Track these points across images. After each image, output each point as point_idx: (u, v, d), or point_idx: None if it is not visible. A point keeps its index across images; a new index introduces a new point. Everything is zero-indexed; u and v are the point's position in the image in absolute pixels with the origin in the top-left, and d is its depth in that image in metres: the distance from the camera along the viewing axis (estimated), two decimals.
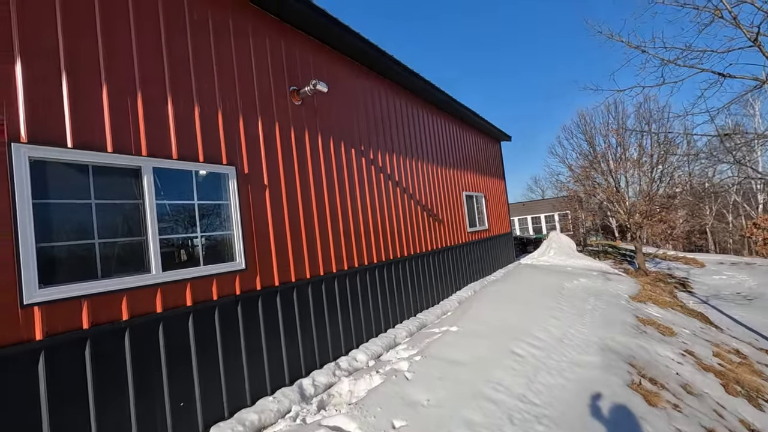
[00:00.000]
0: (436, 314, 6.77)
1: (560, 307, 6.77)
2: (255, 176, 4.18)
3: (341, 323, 5.06)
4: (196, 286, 3.47)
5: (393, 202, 6.68)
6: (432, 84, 7.98)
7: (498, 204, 12.81)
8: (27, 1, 2.71)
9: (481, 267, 10.49)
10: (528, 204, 30.24)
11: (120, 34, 3.21)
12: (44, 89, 2.72)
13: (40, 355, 2.50)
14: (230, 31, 4.20)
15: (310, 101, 5.15)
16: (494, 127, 12.25)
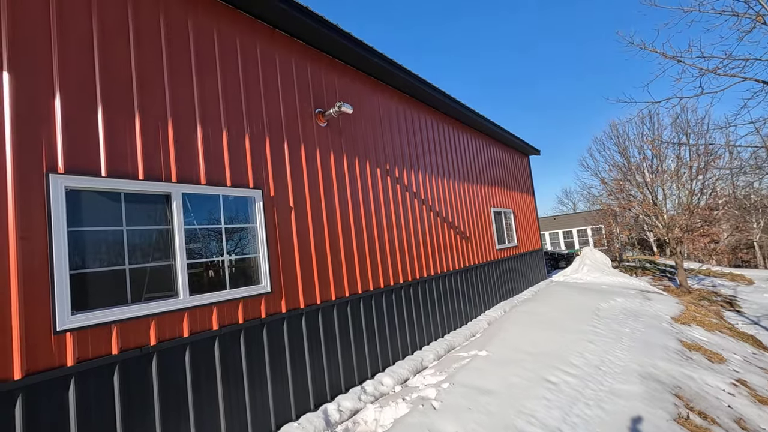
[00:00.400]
0: (464, 336, 6.57)
1: (596, 330, 6.43)
2: (281, 199, 4.21)
3: (367, 345, 4.98)
4: (223, 310, 3.48)
5: (419, 221, 6.60)
6: (457, 101, 7.93)
7: (527, 219, 12.48)
8: (67, 39, 2.85)
9: (511, 285, 10.18)
10: (559, 218, 29.37)
11: (152, 68, 3.33)
12: (81, 121, 2.83)
13: (71, 381, 2.55)
14: (258, 57, 4.30)
15: (335, 122, 5.19)
16: (522, 141, 12.03)
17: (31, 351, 2.42)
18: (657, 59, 6.72)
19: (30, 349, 2.41)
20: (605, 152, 22.39)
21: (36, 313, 2.47)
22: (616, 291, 10.36)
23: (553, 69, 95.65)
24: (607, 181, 17.50)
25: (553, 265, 18.29)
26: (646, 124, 15.95)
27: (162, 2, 3.49)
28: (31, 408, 2.37)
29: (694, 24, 16.10)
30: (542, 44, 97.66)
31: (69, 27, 2.87)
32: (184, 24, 3.64)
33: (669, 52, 5.87)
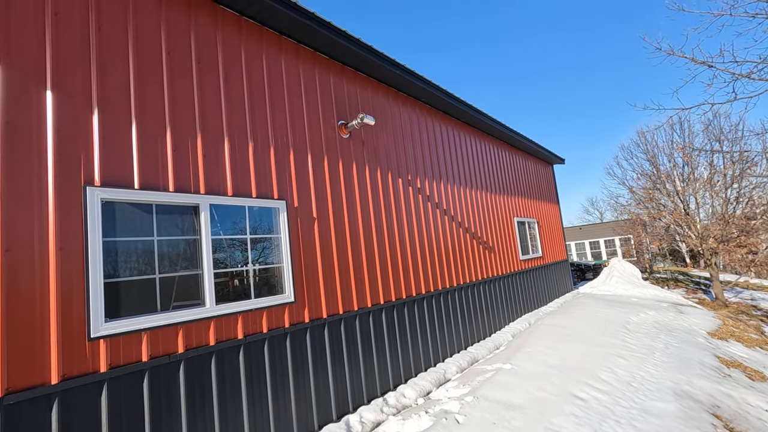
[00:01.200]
0: (488, 348, 6.45)
1: (626, 344, 6.20)
2: (304, 209, 4.27)
3: (389, 357, 4.95)
4: (247, 319, 3.54)
5: (441, 231, 6.56)
6: (479, 110, 7.90)
7: (552, 229, 12.23)
8: (105, 58, 3.00)
9: (536, 297, 9.96)
10: (585, 228, 28.62)
11: (183, 86, 3.46)
12: (116, 136, 2.97)
13: (104, 387, 2.63)
14: (282, 71, 4.41)
15: (358, 133, 5.25)
16: (546, 150, 11.85)
17: (67, 357, 2.51)
18: (686, 65, 6.54)
19: (66, 355, 2.51)
20: (633, 160, 21.83)
21: (72, 320, 2.57)
22: (647, 304, 9.99)
23: (576, 77, 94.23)
24: (636, 189, 17.02)
25: (580, 277, 17.79)
26: (676, 131, 15.50)
27: (193, 24, 3.64)
28: (66, 412, 2.46)
29: (725, 28, 15.62)
30: (564, 54, 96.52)
31: (107, 51, 3.03)
32: (212, 42, 3.78)
33: (699, 57, 5.70)
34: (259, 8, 4.01)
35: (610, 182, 44.12)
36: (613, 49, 75.75)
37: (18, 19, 2.63)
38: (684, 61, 5.97)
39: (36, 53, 2.67)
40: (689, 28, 6.00)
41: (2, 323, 2.30)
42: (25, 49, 2.63)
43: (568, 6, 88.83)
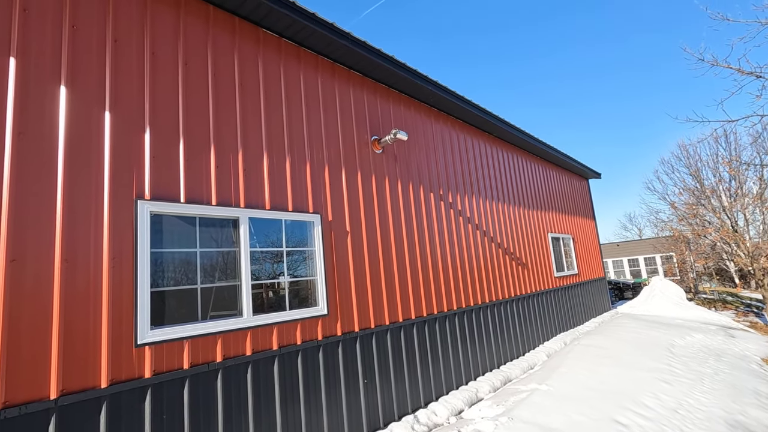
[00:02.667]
0: (521, 368, 6.26)
1: (671, 368, 5.87)
2: (338, 223, 4.35)
3: (420, 373, 4.89)
4: (282, 330, 3.61)
5: (473, 246, 6.49)
6: (512, 124, 7.84)
7: (588, 246, 11.84)
8: (158, 82, 3.21)
9: (572, 316, 9.61)
10: (623, 245, 27.49)
11: (226, 106, 3.64)
12: (165, 153, 3.15)
13: (147, 392, 2.74)
14: (319, 89, 4.56)
15: (390, 149, 5.32)
16: (581, 164, 11.56)
17: (115, 362, 2.64)
18: (732, 75, 6.26)
19: (115, 360, 2.64)
20: (674, 174, 20.89)
21: (121, 327, 2.71)
22: (693, 326, 9.44)
23: (614, 88, 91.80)
24: (678, 205, 16.28)
25: (618, 296, 17.05)
26: (721, 145, 14.79)
27: (237, 47, 3.85)
28: (114, 415, 2.57)
29: None
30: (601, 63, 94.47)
31: (159, 75, 3.24)
32: (254, 63, 3.96)
33: (746, 67, 5.47)
34: (297, 29, 4.18)
35: (649, 197, 42.31)
36: (651, 60, 73.49)
37: (82, 46, 2.86)
38: (729, 72, 5.74)
39: (97, 77, 2.89)
40: (734, 38, 5.77)
41: (60, 329, 2.45)
42: (88, 74, 2.85)
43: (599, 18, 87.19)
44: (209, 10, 3.69)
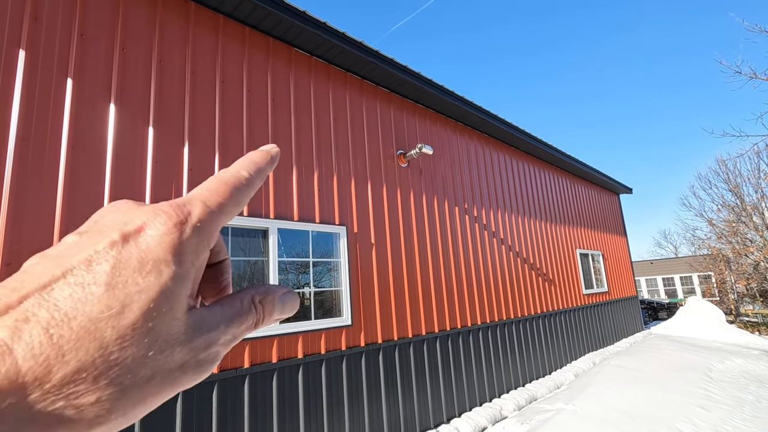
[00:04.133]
0: (547, 387, 6.11)
1: (708, 393, 5.59)
2: (363, 235, 4.43)
3: (443, 387, 4.86)
4: (307, 339, 3.69)
5: (498, 261, 6.43)
6: (538, 138, 7.79)
7: (619, 263, 11.47)
8: (197, 99, 3.42)
9: (601, 335, 9.30)
10: (657, 263, 26.40)
11: (258, 120, 3.82)
12: (202, 165, 3.32)
13: (178, 397, 2.86)
14: (347, 105, 4.70)
15: (416, 162, 5.39)
16: (611, 179, 11.28)
17: None
18: None
19: None
20: (712, 190, 20.07)
21: None
22: (733, 350, 8.95)
23: (647, 104, 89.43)
24: (716, 222, 15.60)
25: (652, 316, 16.36)
26: (762, 159, 14.13)
27: (270, 65, 4.04)
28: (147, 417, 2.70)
29: None
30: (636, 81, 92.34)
31: (199, 93, 3.44)
32: (286, 80, 4.15)
33: None
34: (327, 48, 4.35)
35: (685, 214, 40.72)
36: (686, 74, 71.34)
37: (130, 66, 3.09)
38: (767, 85, 5.55)
39: (143, 95, 3.11)
40: None
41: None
42: (134, 92, 3.07)
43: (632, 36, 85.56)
44: (245, 31, 3.91)
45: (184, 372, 0.20)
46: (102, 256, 0.18)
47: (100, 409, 0.16)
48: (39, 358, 0.15)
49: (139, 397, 0.18)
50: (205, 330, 0.20)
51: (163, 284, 0.19)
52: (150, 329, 0.18)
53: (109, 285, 0.17)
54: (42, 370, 0.15)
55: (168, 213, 0.20)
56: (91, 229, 0.19)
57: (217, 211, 0.22)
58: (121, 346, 0.17)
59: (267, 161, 0.27)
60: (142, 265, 0.18)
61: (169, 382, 0.19)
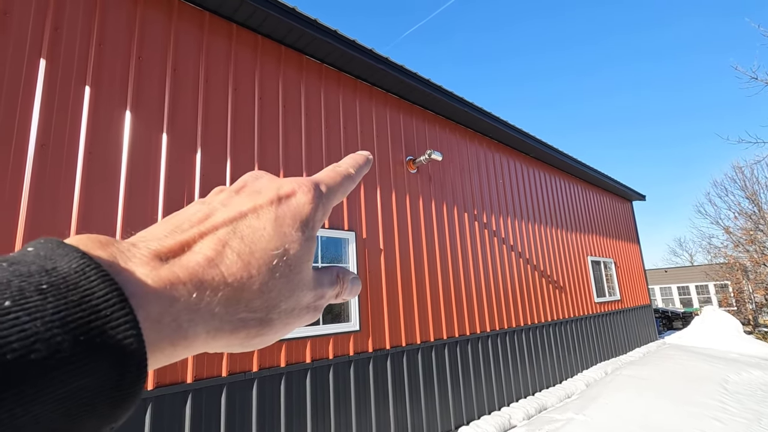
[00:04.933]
0: (557, 396, 6.03)
1: (724, 406, 5.46)
2: (372, 241, 4.45)
3: (451, 394, 4.83)
4: (315, 344, 3.70)
5: (508, 267, 6.39)
6: (549, 145, 7.75)
7: (632, 271, 11.29)
8: (210, 106, 3.49)
9: (613, 344, 9.15)
10: (672, 271, 25.91)
11: (270, 128, 3.88)
12: (212, 172, 3.38)
13: (188, 396, 2.90)
14: (357, 112, 4.75)
15: (425, 168, 5.41)
16: (623, 185, 11.14)
17: (160, 369, 2.81)
18: None
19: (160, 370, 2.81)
20: (728, 198, 19.68)
21: None
22: (750, 362, 8.73)
23: (661, 108, 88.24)
24: (733, 230, 15.28)
25: (666, 325, 16.05)
26: None
27: (281, 73, 4.10)
28: (157, 413, 2.74)
29: None
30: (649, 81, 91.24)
31: (212, 100, 3.51)
32: (297, 87, 4.20)
33: None
34: (338, 55, 4.40)
35: (701, 221, 39.94)
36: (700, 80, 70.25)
37: (145, 75, 3.17)
38: None
39: (157, 102, 3.19)
40: None
41: None
42: (149, 100, 3.15)
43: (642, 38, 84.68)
44: (258, 39, 3.98)
45: (308, 311, 0.25)
46: (266, 208, 0.23)
47: (261, 323, 0.22)
48: (236, 275, 0.20)
49: (283, 321, 0.23)
50: (320, 284, 0.26)
51: (307, 239, 0.24)
52: (299, 272, 0.23)
53: (275, 230, 0.23)
54: (237, 284, 0.20)
55: (308, 186, 0.26)
56: (247, 189, 0.25)
57: (333, 194, 0.28)
58: (282, 278, 0.22)
59: (366, 163, 0.33)
60: (294, 221, 0.24)
61: (298, 316, 0.24)
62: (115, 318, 0.15)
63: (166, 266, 0.19)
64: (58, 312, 0.14)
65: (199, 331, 0.19)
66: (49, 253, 0.16)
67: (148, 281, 0.18)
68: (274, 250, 0.22)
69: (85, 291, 0.15)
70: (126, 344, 0.15)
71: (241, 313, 0.21)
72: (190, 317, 0.18)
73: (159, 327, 0.17)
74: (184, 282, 0.19)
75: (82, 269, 0.15)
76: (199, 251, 0.20)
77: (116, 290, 0.16)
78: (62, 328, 0.14)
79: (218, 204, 0.23)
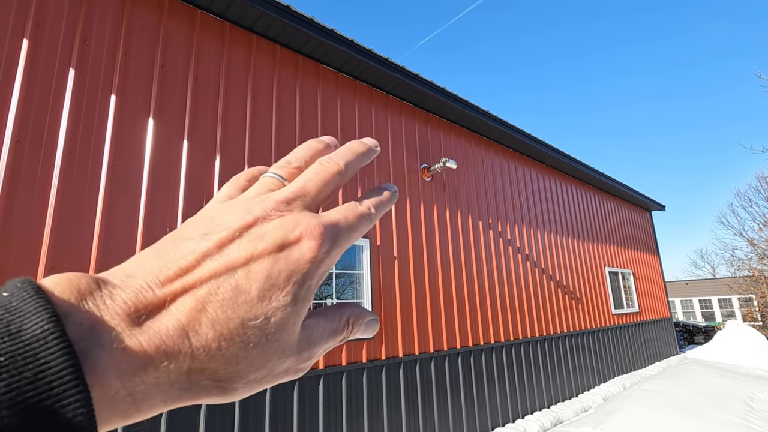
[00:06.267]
0: (574, 409, 5.89)
1: (749, 424, 5.26)
2: (386, 248, 4.45)
3: (464, 404, 4.77)
4: (328, 351, 3.71)
5: (523, 277, 6.32)
6: (566, 154, 7.67)
7: (651, 282, 11.02)
8: (229, 113, 3.57)
9: (632, 358, 8.92)
10: (693, 283, 25.20)
11: (287, 135, 3.94)
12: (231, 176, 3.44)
13: None
14: (372, 120, 4.79)
15: (439, 176, 5.41)
16: (642, 195, 10.93)
17: None
18: None
19: None
20: (752, 208, 19.13)
21: None
22: None
23: (681, 117, 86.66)
24: (758, 242, 14.80)
25: (687, 339, 15.59)
26: None
27: (299, 82, 4.17)
28: None
29: None
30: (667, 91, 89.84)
31: (231, 108, 3.60)
32: (314, 95, 4.27)
33: None
34: (354, 64, 4.46)
35: (723, 233, 38.84)
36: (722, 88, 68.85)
37: (168, 83, 3.26)
38: None
39: (179, 110, 3.27)
40: None
41: None
42: (171, 107, 3.24)
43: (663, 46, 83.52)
44: (276, 49, 4.06)
45: (286, 374, 0.23)
46: (261, 259, 0.21)
47: (224, 391, 0.20)
48: (205, 347, 0.19)
49: (251, 389, 0.22)
50: (311, 344, 0.24)
51: (300, 301, 0.22)
52: (277, 340, 0.21)
53: (260, 296, 0.21)
54: (204, 357, 0.19)
55: (317, 233, 0.23)
56: (253, 232, 0.22)
57: (345, 240, 0.25)
58: (255, 348, 0.20)
59: (389, 200, 0.30)
60: (287, 281, 0.21)
61: (272, 381, 0.23)
62: (67, 396, 0.15)
63: (136, 332, 0.18)
64: (9, 392, 0.14)
65: (155, 402, 0.18)
66: (21, 305, 0.16)
67: (112, 352, 0.17)
68: (252, 320, 0.20)
69: (42, 365, 0.15)
70: (75, 423, 0.15)
71: (203, 381, 0.20)
72: (147, 390, 0.18)
73: (113, 403, 0.17)
74: (151, 355, 0.18)
75: (45, 337, 0.15)
76: (174, 312, 0.19)
77: (72, 366, 0.15)
78: (10, 410, 0.14)
79: (215, 243, 0.21)
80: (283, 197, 0.24)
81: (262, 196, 0.25)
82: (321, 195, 0.26)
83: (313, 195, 0.26)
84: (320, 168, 0.27)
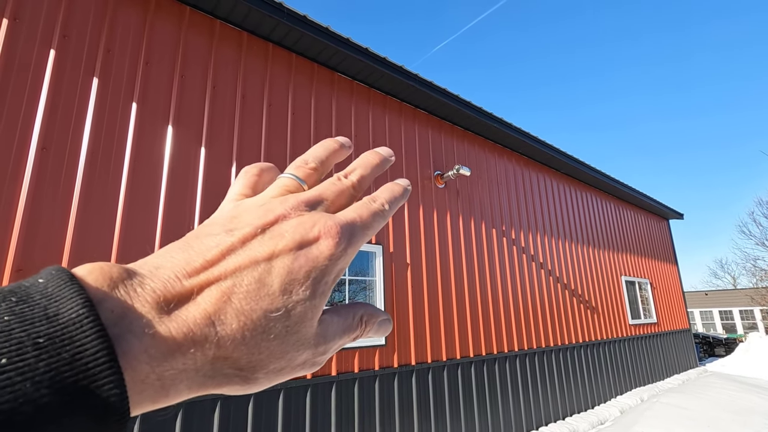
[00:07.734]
0: (589, 422, 5.77)
1: None
2: (399, 255, 4.45)
3: (477, 414, 4.71)
4: (341, 357, 3.71)
5: (537, 286, 6.24)
6: (579, 160, 7.58)
7: (669, 292, 10.77)
8: (245, 121, 3.62)
9: (650, 369, 8.71)
10: (713, 294, 24.55)
11: (302, 143, 3.99)
12: None
13: (217, 405, 2.95)
14: (386, 127, 4.82)
15: (453, 184, 5.40)
16: (659, 203, 10.72)
17: None
18: None
19: None
20: None
21: None
22: None
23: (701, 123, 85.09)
24: None
25: (707, 352, 15.16)
26: None
27: (314, 90, 4.23)
28: None
29: None
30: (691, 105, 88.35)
31: (247, 116, 3.66)
32: (328, 103, 4.32)
33: None
34: (369, 72, 4.50)
35: (744, 242, 37.78)
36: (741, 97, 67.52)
37: (187, 92, 3.33)
38: None
39: (197, 118, 3.34)
40: None
41: None
42: (190, 116, 3.31)
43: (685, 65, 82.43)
44: (292, 57, 4.13)
45: (303, 367, 0.24)
46: (282, 256, 0.22)
47: (246, 380, 0.21)
48: (229, 336, 0.20)
49: (270, 380, 0.23)
50: (327, 339, 0.25)
51: (319, 296, 0.23)
52: (296, 332, 0.22)
53: (281, 290, 0.22)
54: (228, 345, 0.20)
55: (335, 231, 0.24)
56: (275, 229, 0.23)
57: (361, 238, 0.26)
58: (276, 339, 0.21)
59: (402, 195, 0.31)
60: (307, 277, 0.23)
61: (288, 374, 0.23)
62: (102, 377, 0.15)
63: (165, 319, 0.19)
64: (49, 371, 0.14)
65: (181, 388, 0.19)
66: (57, 291, 0.17)
67: (143, 338, 0.18)
68: (274, 312, 0.21)
69: (78, 347, 0.15)
70: (110, 404, 0.15)
71: (226, 369, 0.20)
72: (175, 375, 0.18)
73: (143, 387, 0.17)
74: (179, 342, 0.19)
75: (81, 321, 0.16)
76: (201, 302, 0.20)
77: (107, 348, 0.16)
78: (50, 389, 0.14)
79: (239, 238, 0.22)
80: (303, 199, 0.26)
81: (283, 197, 0.26)
82: (337, 202, 0.27)
83: (331, 200, 0.27)
84: (337, 181, 0.29)
